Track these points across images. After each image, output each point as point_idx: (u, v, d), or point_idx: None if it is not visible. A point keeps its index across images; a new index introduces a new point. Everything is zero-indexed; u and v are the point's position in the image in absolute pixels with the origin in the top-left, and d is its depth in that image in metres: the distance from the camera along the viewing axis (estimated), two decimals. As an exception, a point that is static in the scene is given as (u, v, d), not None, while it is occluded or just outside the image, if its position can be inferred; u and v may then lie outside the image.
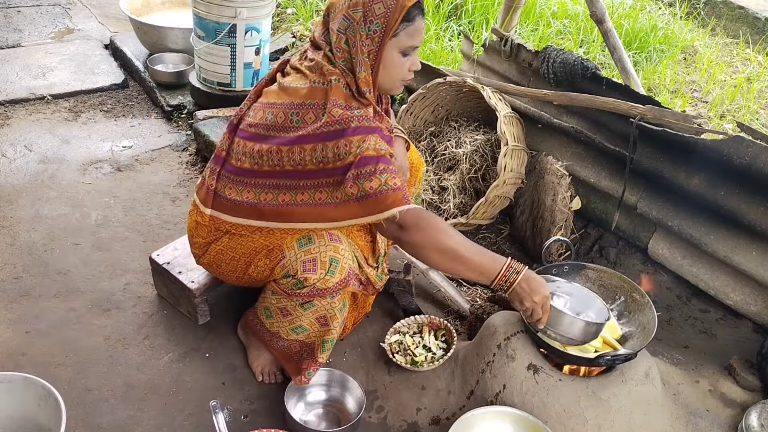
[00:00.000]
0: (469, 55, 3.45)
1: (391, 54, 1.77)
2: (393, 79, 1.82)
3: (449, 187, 2.92)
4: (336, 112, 1.72)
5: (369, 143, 1.71)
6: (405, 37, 1.75)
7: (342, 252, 1.87)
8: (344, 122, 1.71)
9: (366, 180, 1.70)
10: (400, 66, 1.80)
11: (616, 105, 2.57)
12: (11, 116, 3.42)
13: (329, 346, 2.00)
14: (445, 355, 2.17)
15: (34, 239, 2.62)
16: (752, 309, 2.37)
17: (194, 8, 3.28)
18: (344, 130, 1.71)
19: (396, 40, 1.75)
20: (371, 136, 1.72)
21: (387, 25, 1.72)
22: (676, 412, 2.04)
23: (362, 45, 1.74)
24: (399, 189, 1.72)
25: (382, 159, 1.71)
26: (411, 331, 2.30)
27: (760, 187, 2.25)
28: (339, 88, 1.75)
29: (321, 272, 1.84)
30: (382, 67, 1.78)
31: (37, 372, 1.91)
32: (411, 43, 1.78)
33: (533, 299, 1.77)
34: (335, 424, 2.02)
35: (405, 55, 1.79)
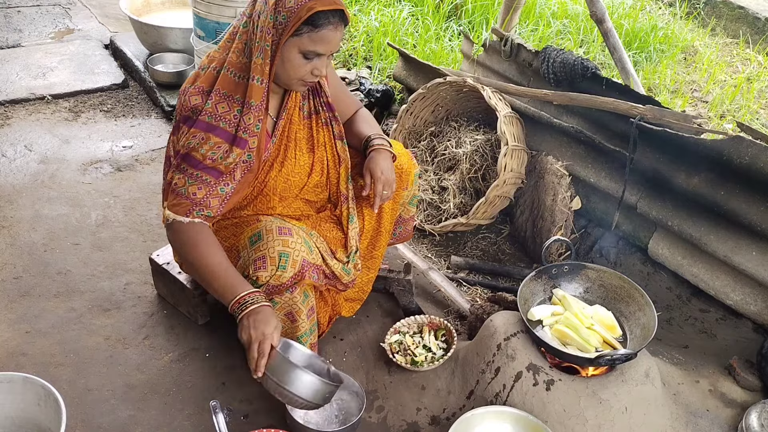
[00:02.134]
0: (469, 55, 3.45)
1: (291, 51, 1.73)
2: (289, 77, 1.78)
3: (449, 187, 2.92)
4: (194, 100, 1.78)
5: (202, 145, 1.76)
6: (307, 40, 1.71)
7: (292, 245, 1.83)
8: (194, 111, 1.78)
9: (178, 174, 1.80)
10: (298, 66, 1.76)
11: (616, 105, 2.57)
12: (11, 116, 3.42)
13: (306, 339, 1.96)
14: (445, 355, 2.17)
15: (34, 239, 2.62)
16: (752, 309, 2.37)
17: (194, 8, 3.28)
18: (189, 119, 1.78)
19: (298, 40, 1.71)
20: (210, 136, 1.76)
21: (290, 20, 1.68)
22: (676, 412, 2.04)
23: (267, 32, 1.70)
24: (192, 200, 1.79)
25: (201, 166, 1.77)
26: (411, 331, 2.30)
27: (760, 187, 2.25)
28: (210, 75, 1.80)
29: (272, 268, 1.81)
30: (280, 61, 1.75)
31: (37, 372, 1.92)
32: (313, 48, 1.73)
33: (249, 333, 1.69)
34: (335, 424, 2.02)
35: (307, 58, 1.75)
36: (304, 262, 1.85)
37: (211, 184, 1.80)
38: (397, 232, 2.35)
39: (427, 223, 2.91)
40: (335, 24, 1.72)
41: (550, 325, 2.03)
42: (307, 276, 1.87)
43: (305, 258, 1.85)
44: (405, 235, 2.40)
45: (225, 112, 1.77)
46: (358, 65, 4.05)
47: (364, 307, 2.37)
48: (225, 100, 1.77)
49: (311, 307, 1.97)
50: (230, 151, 1.78)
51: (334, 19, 1.71)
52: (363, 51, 4.16)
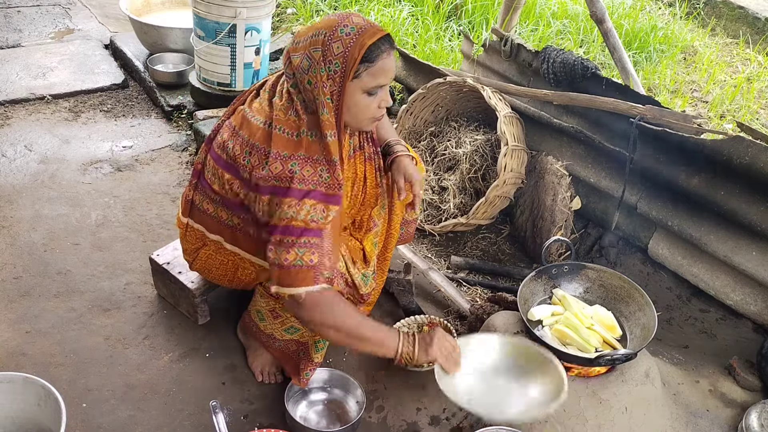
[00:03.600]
0: (469, 55, 3.45)
1: (355, 96, 1.67)
2: (360, 120, 1.74)
3: (449, 187, 2.92)
4: (276, 168, 1.66)
5: (300, 211, 1.65)
6: (367, 77, 1.65)
7: None
8: (282, 180, 1.66)
9: (284, 250, 1.66)
10: (366, 106, 1.71)
11: (616, 105, 2.57)
12: (11, 116, 3.42)
13: (322, 346, 1.99)
14: None
15: (34, 239, 2.62)
16: (752, 309, 2.37)
17: (194, 8, 3.28)
18: (279, 189, 1.67)
19: (358, 81, 1.65)
20: (306, 201, 1.66)
21: (346, 66, 1.61)
22: (676, 412, 2.04)
23: (323, 86, 1.64)
24: (312, 267, 1.68)
25: (306, 231, 1.67)
26: (411, 331, 2.30)
27: (760, 187, 2.25)
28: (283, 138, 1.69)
29: None
30: (346, 109, 1.68)
31: (37, 372, 1.92)
32: (375, 83, 1.67)
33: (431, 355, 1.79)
34: (335, 424, 2.02)
35: (371, 95, 1.69)
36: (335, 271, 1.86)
37: (319, 245, 1.70)
38: (400, 234, 2.35)
39: (427, 223, 2.91)
40: (387, 51, 1.66)
41: (550, 325, 2.03)
42: (335, 282, 1.86)
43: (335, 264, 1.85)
44: (407, 236, 2.40)
45: (311, 175, 1.68)
46: (358, 65, 4.05)
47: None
48: (308, 163, 1.68)
49: None
50: (327, 210, 1.71)
51: (384, 46, 1.65)
52: (363, 51, 4.16)
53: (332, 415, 2.05)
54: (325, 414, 2.06)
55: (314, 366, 2.00)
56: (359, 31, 1.62)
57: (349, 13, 1.68)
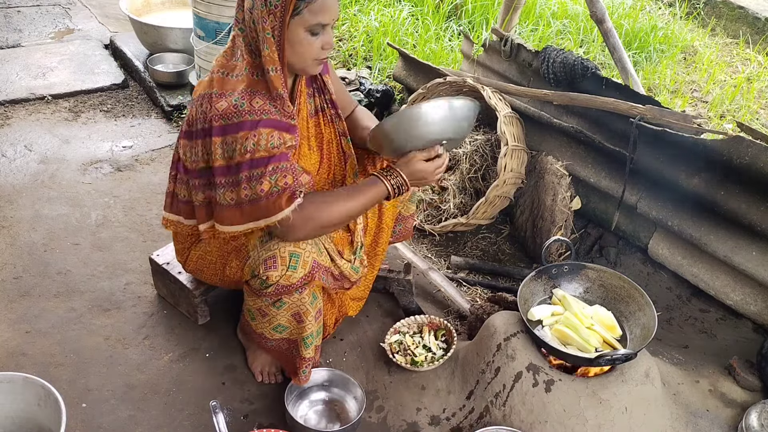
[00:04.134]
0: (469, 55, 3.45)
1: (297, 32, 1.66)
2: (303, 59, 1.72)
3: (449, 187, 2.92)
4: (221, 106, 1.66)
5: (259, 142, 1.65)
6: (308, 14, 1.64)
7: (303, 245, 1.82)
8: (229, 117, 1.66)
9: (257, 183, 1.68)
10: (308, 45, 1.69)
11: (616, 105, 2.57)
12: (11, 116, 3.42)
13: (311, 341, 1.96)
14: (445, 355, 2.17)
15: (34, 239, 2.62)
16: (752, 309, 2.37)
17: (194, 8, 3.28)
18: (229, 126, 1.66)
19: (299, 19, 1.64)
20: (261, 130, 1.66)
21: (286, 1, 1.61)
22: (676, 412, 2.04)
23: (263, 22, 1.64)
24: (289, 188, 1.70)
25: (272, 159, 1.68)
26: (411, 331, 2.30)
27: (760, 187, 2.25)
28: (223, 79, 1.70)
29: (282, 268, 1.80)
30: (288, 46, 1.68)
31: (37, 372, 1.92)
32: (317, 20, 1.65)
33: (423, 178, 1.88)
34: (335, 424, 2.02)
35: (314, 34, 1.68)
36: (314, 263, 1.84)
37: (288, 168, 1.72)
38: (397, 230, 2.35)
39: (427, 223, 2.91)
40: None
41: (550, 325, 2.03)
42: (317, 277, 1.86)
43: (315, 259, 1.85)
44: (405, 233, 2.40)
45: (261, 106, 1.69)
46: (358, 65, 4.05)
47: (364, 307, 2.37)
48: (256, 95, 1.70)
49: (319, 309, 1.97)
50: (282, 138, 1.71)
51: None
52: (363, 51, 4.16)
53: (332, 415, 2.05)
54: (325, 414, 2.06)
55: (308, 362, 1.98)
56: None
57: None
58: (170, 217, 1.99)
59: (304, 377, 2.00)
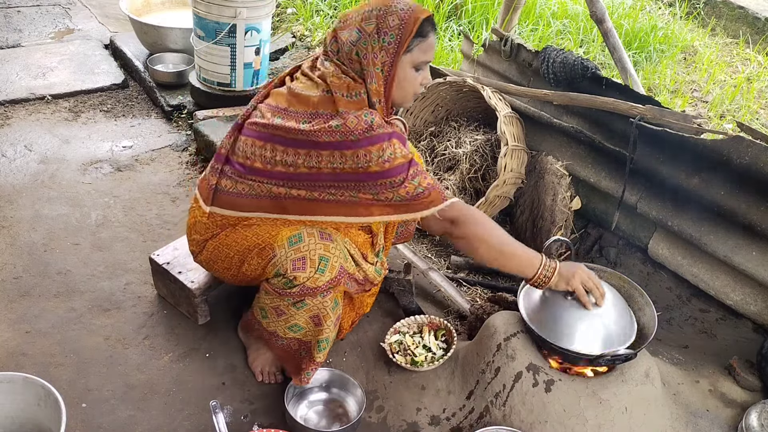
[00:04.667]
0: (469, 55, 3.45)
1: (405, 68, 1.78)
2: (405, 93, 1.84)
3: (449, 187, 2.92)
4: (352, 122, 1.72)
5: (393, 152, 1.74)
6: (418, 52, 1.76)
7: (332, 250, 1.86)
8: (359, 132, 1.72)
9: (400, 187, 1.77)
10: (412, 80, 1.81)
11: (616, 105, 2.57)
12: (11, 116, 3.42)
13: (325, 345, 1.99)
14: (445, 355, 2.17)
15: (34, 239, 2.62)
16: (752, 309, 2.37)
17: (194, 8, 3.28)
18: (359, 141, 1.73)
19: (410, 55, 1.76)
20: (390, 142, 1.74)
21: (401, 38, 1.73)
22: (676, 412, 2.04)
23: (374, 57, 1.74)
24: (433, 187, 1.81)
25: (410, 164, 1.77)
26: (411, 331, 2.30)
27: (760, 187, 2.25)
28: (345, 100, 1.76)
29: (311, 270, 1.83)
30: (396, 81, 1.79)
31: (37, 372, 1.92)
32: (424, 58, 1.78)
33: (571, 284, 1.88)
34: (335, 424, 2.02)
35: (417, 70, 1.80)
36: (341, 268, 1.89)
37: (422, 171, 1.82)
38: (399, 231, 2.36)
39: (427, 223, 2.91)
40: (433, 29, 1.79)
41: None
42: (342, 282, 1.92)
43: (343, 265, 1.89)
44: (406, 234, 2.41)
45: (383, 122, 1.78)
46: (358, 65, 4.05)
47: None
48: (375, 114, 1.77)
49: (338, 316, 2.01)
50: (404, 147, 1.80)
51: (431, 24, 1.78)
52: (363, 51, 4.16)
53: (332, 415, 2.05)
54: (325, 414, 2.06)
55: (316, 365, 2.00)
56: (413, 8, 1.74)
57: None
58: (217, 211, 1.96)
59: (306, 379, 2.00)
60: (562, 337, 1.87)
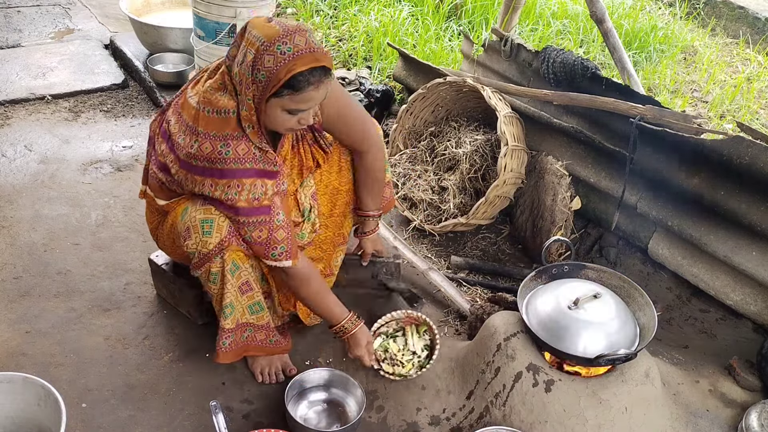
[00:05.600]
0: (469, 55, 3.45)
1: (274, 109, 1.69)
2: (276, 128, 1.76)
3: (449, 187, 2.92)
4: (206, 148, 1.71)
5: (241, 192, 1.74)
6: (289, 101, 1.66)
7: (216, 212, 1.81)
8: (214, 162, 1.72)
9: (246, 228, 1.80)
10: (284, 121, 1.72)
11: (616, 105, 2.57)
12: (11, 116, 3.42)
13: (230, 311, 1.93)
14: (431, 355, 2.16)
15: (34, 239, 2.62)
16: (752, 309, 2.37)
17: (194, 8, 3.28)
18: (214, 170, 1.73)
19: (280, 100, 1.66)
20: (244, 181, 1.73)
21: (269, 82, 1.62)
22: (676, 412, 2.04)
23: (247, 87, 1.66)
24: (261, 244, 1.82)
25: (252, 211, 1.77)
26: (391, 329, 2.27)
27: (760, 187, 2.25)
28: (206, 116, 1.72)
29: (196, 236, 1.82)
30: (265, 116, 1.71)
31: (37, 372, 1.92)
32: (296, 107, 1.68)
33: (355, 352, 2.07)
34: (335, 424, 2.02)
35: (291, 113, 1.70)
36: (230, 227, 1.83)
37: (267, 222, 1.80)
38: None
39: (427, 223, 2.91)
40: (316, 84, 1.65)
41: None
42: (234, 242, 1.84)
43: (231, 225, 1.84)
44: (384, 203, 2.35)
45: (245, 153, 1.73)
46: (358, 65, 4.05)
47: (361, 308, 2.37)
48: (241, 141, 1.72)
49: (246, 281, 1.93)
50: (265, 186, 1.77)
51: (314, 78, 1.64)
52: (363, 51, 4.16)
53: (332, 415, 2.05)
54: (325, 414, 2.06)
55: (225, 333, 1.96)
56: (294, 55, 1.60)
57: (298, 28, 1.64)
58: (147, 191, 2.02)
59: (222, 350, 1.97)
60: (563, 340, 1.87)
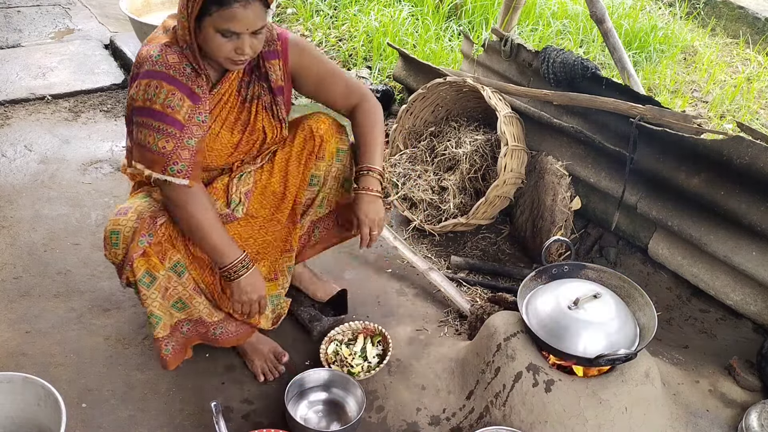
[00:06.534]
0: (469, 55, 3.45)
1: (207, 29, 1.67)
2: (215, 55, 1.72)
3: (449, 187, 2.92)
4: (143, 51, 1.76)
5: (159, 94, 1.70)
6: (218, 18, 1.64)
7: (123, 222, 1.81)
8: (140, 62, 1.75)
9: (145, 129, 1.72)
10: (218, 45, 1.69)
11: (616, 105, 2.57)
12: (11, 116, 3.42)
13: (155, 321, 1.90)
14: (381, 362, 2.16)
15: (34, 239, 2.62)
16: (752, 309, 2.37)
17: (194, 8, 3.27)
18: (140, 72, 1.74)
19: (210, 19, 1.65)
20: (164, 84, 1.70)
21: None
22: (676, 412, 2.04)
23: (182, 6, 1.69)
24: (163, 154, 1.72)
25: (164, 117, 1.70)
26: (345, 338, 2.26)
27: (760, 187, 2.25)
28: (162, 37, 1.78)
29: (108, 248, 1.83)
30: (201, 38, 1.70)
31: (37, 372, 1.92)
32: (227, 26, 1.65)
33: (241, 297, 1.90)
34: (335, 424, 2.02)
35: (225, 36, 1.67)
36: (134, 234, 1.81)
37: (177, 136, 1.73)
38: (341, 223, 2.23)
39: (427, 223, 2.91)
40: (244, 2, 1.62)
41: None
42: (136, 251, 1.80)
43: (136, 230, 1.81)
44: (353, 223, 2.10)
45: (175, 63, 1.73)
46: (358, 65, 4.05)
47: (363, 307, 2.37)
48: (175, 52, 1.74)
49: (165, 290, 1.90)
50: (183, 101, 1.72)
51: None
52: (363, 51, 4.16)
53: (332, 415, 2.05)
54: (325, 414, 2.06)
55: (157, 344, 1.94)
56: None
57: None
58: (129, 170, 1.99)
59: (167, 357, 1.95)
60: (563, 340, 1.87)
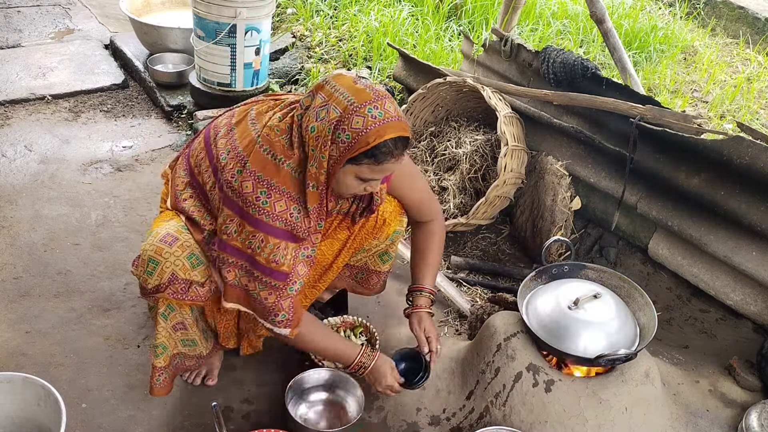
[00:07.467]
0: (469, 55, 3.45)
1: (347, 175, 1.62)
2: (341, 193, 1.71)
3: (449, 187, 2.92)
4: (246, 187, 1.63)
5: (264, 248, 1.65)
6: (367, 170, 1.60)
7: (165, 255, 1.73)
8: (249, 205, 1.63)
9: (247, 276, 1.71)
10: (352, 186, 1.66)
11: (616, 105, 2.57)
12: (11, 116, 3.42)
13: (161, 351, 1.87)
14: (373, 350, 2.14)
15: (34, 239, 2.62)
16: (752, 309, 2.37)
17: (194, 8, 3.28)
18: (245, 214, 1.64)
19: (356, 167, 1.60)
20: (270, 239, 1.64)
21: (352, 145, 1.55)
22: (676, 412, 2.04)
23: (324, 145, 1.57)
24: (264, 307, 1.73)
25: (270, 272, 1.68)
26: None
27: (760, 187, 2.25)
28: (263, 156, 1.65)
29: (141, 269, 1.77)
30: (335, 179, 1.64)
31: (37, 372, 1.92)
32: (371, 176, 1.63)
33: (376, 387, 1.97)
34: (335, 424, 2.02)
35: (363, 181, 1.65)
36: (173, 276, 1.75)
37: (279, 288, 1.71)
38: (359, 279, 2.24)
39: (427, 223, 2.90)
40: (398, 157, 1.61)
41: None
42: (169, 292, 1.76)
43: (176, 273, 1.75)
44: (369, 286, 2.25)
45: (282, 212, 1.64)
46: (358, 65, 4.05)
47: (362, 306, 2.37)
48: (283, 197, 1.64)
49: (180, 322, 1.87)
50: (287, 249, 1.68)
51: (398, 150, 1.59)
52: (363, 51, 4.16)
53: (332, 415, 2.05)
54: (325, 414, 2.06)
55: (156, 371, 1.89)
56: (384, 121, 1.55)
57: (386, 93, 1.60)
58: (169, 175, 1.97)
59: (157, 386, 1.90)
60: (563, 340, 1.87)
